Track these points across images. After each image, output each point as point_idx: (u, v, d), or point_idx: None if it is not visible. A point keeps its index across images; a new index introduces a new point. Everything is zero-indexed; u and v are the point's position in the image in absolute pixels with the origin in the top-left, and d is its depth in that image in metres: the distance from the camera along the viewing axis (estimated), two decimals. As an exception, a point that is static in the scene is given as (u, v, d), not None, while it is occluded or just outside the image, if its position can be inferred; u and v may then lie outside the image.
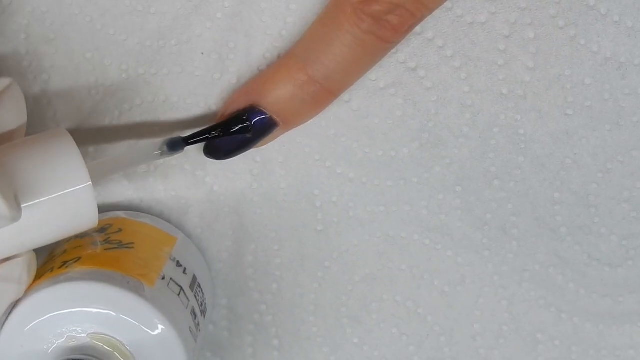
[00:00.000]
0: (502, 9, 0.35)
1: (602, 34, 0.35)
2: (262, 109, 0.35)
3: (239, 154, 0.36)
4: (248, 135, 0.35)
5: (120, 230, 0.36)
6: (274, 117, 0.35)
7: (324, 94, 0.34)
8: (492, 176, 0.38)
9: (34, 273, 0.34)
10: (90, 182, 0.32)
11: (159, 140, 0.35)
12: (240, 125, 0.35)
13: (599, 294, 0.40)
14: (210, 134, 0.35)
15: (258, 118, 0.35)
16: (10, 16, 0.36)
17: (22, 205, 0.31)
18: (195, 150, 0.38)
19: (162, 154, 0.35)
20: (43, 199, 0.31)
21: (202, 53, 0.36)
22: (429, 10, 0.33)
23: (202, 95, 0.37)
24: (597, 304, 0.40)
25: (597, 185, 0.38)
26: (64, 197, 0.31)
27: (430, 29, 0.35)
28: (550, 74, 0.36)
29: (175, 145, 0.34)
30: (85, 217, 0.32)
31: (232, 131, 0.35)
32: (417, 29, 0.35)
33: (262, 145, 0.36)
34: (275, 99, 0.34)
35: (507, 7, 0.35)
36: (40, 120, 0.37)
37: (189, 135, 0.35)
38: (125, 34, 0.36)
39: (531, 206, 0.38)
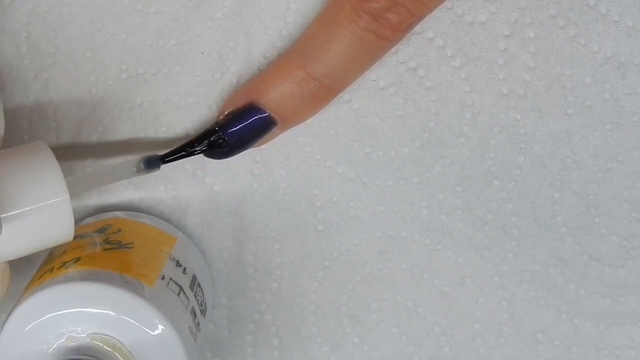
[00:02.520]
0: (502, 9, 0.35)
1: (602, 34, 0.35)
2: (261, 106, 0.34)
3: (238, 153, 0.35)
4: (224, 149, 0.35)
5: (120, 230, 0.36)
6: (273, 115, 0.35)
7: (323, 92, 0.34)
8: (492, 176, 0.38)
9: (7, 283, 0.34)
10: (68, 196, 0.32)
11: (136, 158, 0.35)
12: (214, 137, 0.35)
13: (599, 294, 0.39)
14: (186, 151, 0.35)
15: (256, 117, 0.35)
16: (11, 15, 0.36)
17: None
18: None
19: (138, 172, 0.35)
20: (19, 210, 0.31)
21: (202, 53, 0.36)
22: (428, 9, 0.33)
23: (202, 95, 0.37)
24: (598, 304, 0.40)
25: (597, 185, 0.38)
26: (41, 209, 0.31)
27: (431, 29, 0.35)
28: (550, 74, 0.36)
29: (152, 163, 0.35)
30: (61, 231, 0.32)
31: (207, 145, 0.35)
32: (417, 28, 0.35)
33: (261, 145, 0.36)
34: (274, 96, 0.34)
35: (507, 7, 0.35)
36: (41, 117, 0.37)
37: (165, 153, 0.35)
38: (125, 34, 0.36)
39: (531, 206, 0.38)
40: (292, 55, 0.34)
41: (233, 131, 0.35)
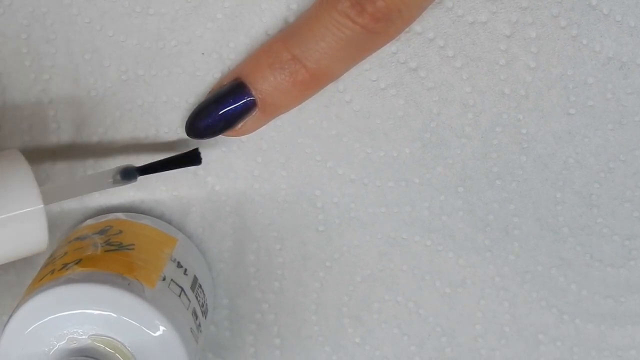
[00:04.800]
0: (503, 9, 0.35)
1: (604, 34, 0.35)
2: (245, 84, 0.34)
3: (220, 133, 0.35)
4: (198, 165, 0.36)
5: (121, 231, 0.36)
6: (256, 95, 0.34)
7: (306, 76, 0.34)
8: (494, 176, 0.38)
9: None
10: (42, 205, 0.32)
11: (113, 169, 0.35)
12: (191, 156, 0.36)
13: (601, 295, 0.39)
14: (163, 167, 0.35)
15: (239, 95, 0.34)
16: (11, 16, 0.36)
17: None
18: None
19: (114, 183, 0.35)
20: None
21: (203, 53, 0.36)
22: (408, 8, 0.32)
23: (203, 95, 0.37)
24: (599, 305, 0.40)
25: (599, 185, 0.38)
26: (13, 218, 0.31)
27: (431, 29, 0.35)
28: (552, 74, 0.36)
29: (129, 175, 0.35)
30: (35, 241, 0.32)
31: (182, 163, 0.36)
32: (418, 28, 0.35)
33: (244, 134, 0.35)
34: (258, 75, 0.34)
35: (509, 7, 0.35)
36: (41, 119, 0.37)
37: (143, 166, 0.35)
38: (124, 35, 0.36)
39: (533, 206, 0.38)
40: (280, 37, 0.34)
41: (216, 111, 0.35)
